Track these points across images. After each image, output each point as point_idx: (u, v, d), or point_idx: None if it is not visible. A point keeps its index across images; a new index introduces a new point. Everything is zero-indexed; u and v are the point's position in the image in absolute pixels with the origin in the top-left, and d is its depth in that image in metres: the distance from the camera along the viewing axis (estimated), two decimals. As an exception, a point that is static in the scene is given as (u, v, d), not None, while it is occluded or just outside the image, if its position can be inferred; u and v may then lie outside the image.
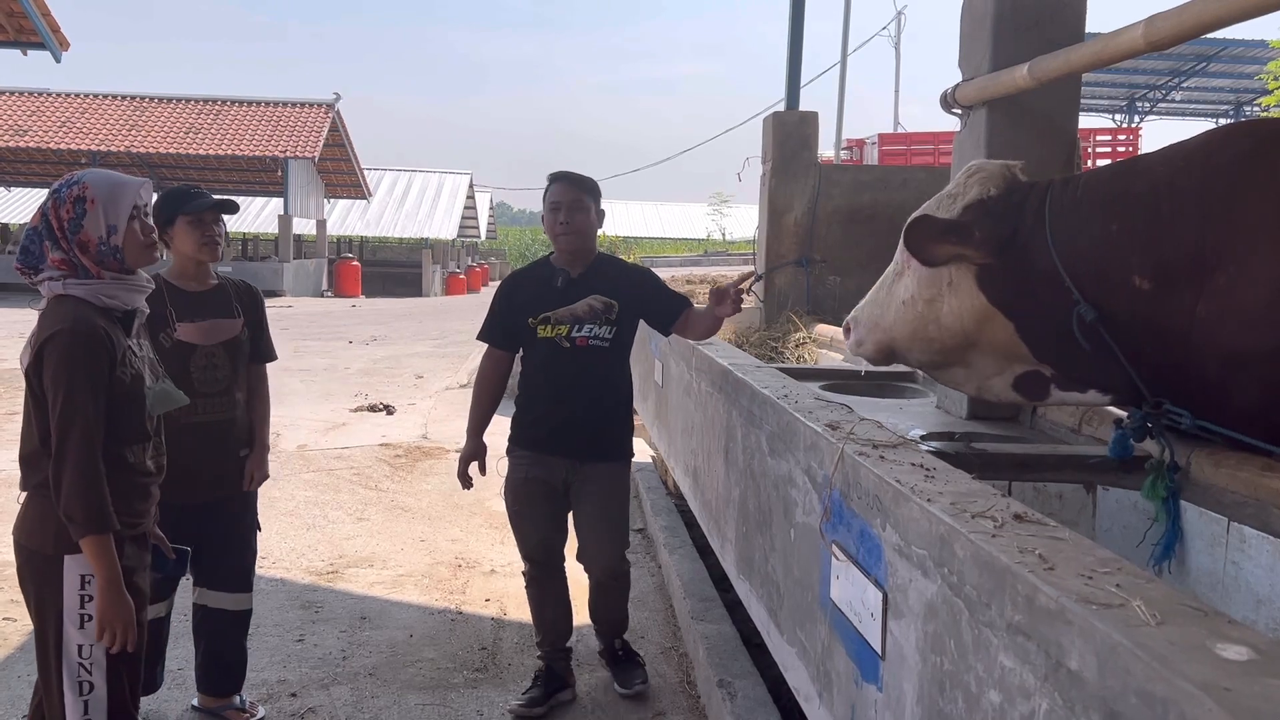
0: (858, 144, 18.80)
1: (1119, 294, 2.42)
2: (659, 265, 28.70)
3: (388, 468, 6.96)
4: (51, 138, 25.24)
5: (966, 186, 2.69)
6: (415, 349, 14.48)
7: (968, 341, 2.69)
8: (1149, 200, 2.42)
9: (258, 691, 3.54)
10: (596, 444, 3.52)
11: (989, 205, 2.61)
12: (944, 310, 2.67)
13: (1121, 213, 2.45)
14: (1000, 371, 2.73)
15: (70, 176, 2.40)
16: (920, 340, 2.77)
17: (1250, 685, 0.96)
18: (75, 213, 2.32)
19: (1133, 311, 2.41)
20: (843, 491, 2.02)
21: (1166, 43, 2.48)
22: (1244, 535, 2.24)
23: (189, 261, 3.20)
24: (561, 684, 3.59)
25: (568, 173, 3.55)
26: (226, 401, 3.23)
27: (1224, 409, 2.36)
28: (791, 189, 7.38)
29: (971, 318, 2.65)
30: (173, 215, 3.14)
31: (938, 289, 2.68)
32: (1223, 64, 24.12)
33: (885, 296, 2.85)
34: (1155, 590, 1.21)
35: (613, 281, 3.53)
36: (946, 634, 1.52)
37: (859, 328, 2.93)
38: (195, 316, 3.17)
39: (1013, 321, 2.61)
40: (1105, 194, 2.51)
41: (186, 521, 3.03)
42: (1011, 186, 2.64)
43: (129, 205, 2.39)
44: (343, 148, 29.29)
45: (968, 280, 2.62)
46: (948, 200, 2.71)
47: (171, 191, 3.23)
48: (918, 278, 2.71)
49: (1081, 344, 2.46)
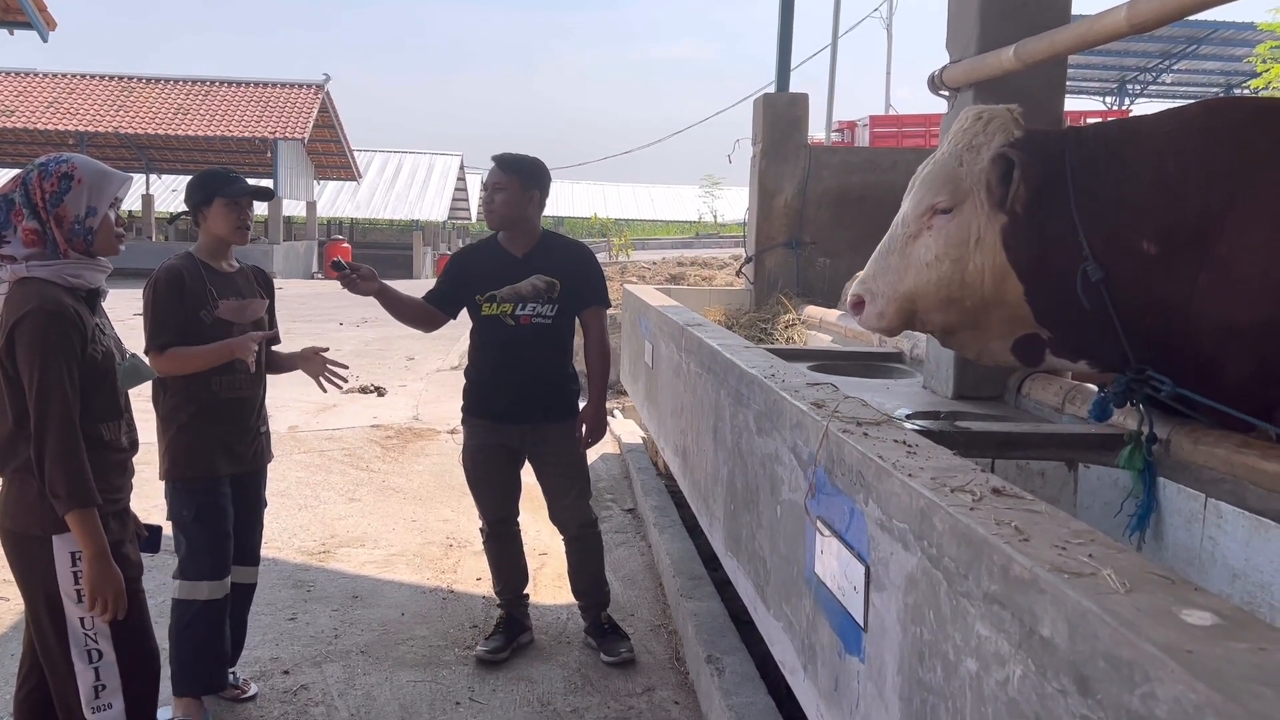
0: (849, 126, 18.79)
1: (1126, 258, 2.42)
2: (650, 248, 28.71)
3: (379, 448, 6.98)
4: (38, 118, 25.00)
5: (988, 133, 2.62)
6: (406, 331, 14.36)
7: (984, 302, 2.65)
8: (1156, 164, 2.43)
9: (250, 669, 3.58)
10: (546, 410, 3.74)
11: (1025, 149, 2.52)
12: (969, 269, 2.61)
13: (1133, 174, 2.45)
14: (1002, 335, 2.71)
15: (59, 155, 2.42)
16: (943, 302, 2.68)
17: (1212, 648, 0.99)
18: (60, 187, 2.35)
19: (1137, 276, 2.41)
20: (827, 468, 2.05)
21: (1150, 25, 2.50)
22: (1221, 511, 2.28)
23: (219, 243, 3.22)
24: (521, 628, 3.87)
25: (501, 155, 3.69)
26: (257, 379, 3.32)
27: (1215, 383, 2.39)
28: (782, 171, 7.39)
29: (992, 276, 2.60)
30: (210, 196, 3.16)
31: (964, 247, 2.61)
32: (1212, 46, 24.12)
33: (900, 262, 2.73)
34: (1126, 560, 1.25)
35: (556, 261, 3.71)
36: (926, 605, 1.55)
37: (877, 299, 2.79)
38: (232, 295, 3.22)
39: (1024, 283, 2.58)
40: (1117, 154, 2.50)
41: (225, 492, 3.21)
42: (1029, 135, 2.59)
43: (112, 194, 2.42)
44: (333, 129, 29.08)
45: (993, 236, 2.58)
46: (970, 153, 2.63)
47: (209, 172, 3.26)
48: (945, 236, 2.63)
49: (1084, 304, 2.45)
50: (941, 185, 2.65)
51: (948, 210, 2.64)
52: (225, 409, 3.19)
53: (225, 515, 3.21)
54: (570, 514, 3.81)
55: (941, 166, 2.66)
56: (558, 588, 4.36)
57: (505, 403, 3.70)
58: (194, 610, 3.16)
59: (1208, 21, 22.06)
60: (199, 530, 3.15)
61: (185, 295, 3.10)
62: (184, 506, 3.15)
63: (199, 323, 3.12)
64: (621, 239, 23.28)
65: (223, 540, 3.21)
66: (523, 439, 3.74)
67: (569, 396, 3.81)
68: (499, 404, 3.72)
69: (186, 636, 3.15)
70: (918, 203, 2.69)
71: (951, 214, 2.63)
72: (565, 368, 3.81)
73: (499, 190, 3.64)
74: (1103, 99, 28.66)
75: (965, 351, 2.88)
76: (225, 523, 3.21)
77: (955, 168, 2.64)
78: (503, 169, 3.65)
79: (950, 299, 2.66)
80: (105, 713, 2.39)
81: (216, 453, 3.17)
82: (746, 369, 2.88)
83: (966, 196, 2.61)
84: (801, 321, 6.58)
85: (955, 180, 2.64)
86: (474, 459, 3.80)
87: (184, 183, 3.35)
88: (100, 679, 2.39)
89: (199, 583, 3.16)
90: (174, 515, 3.15)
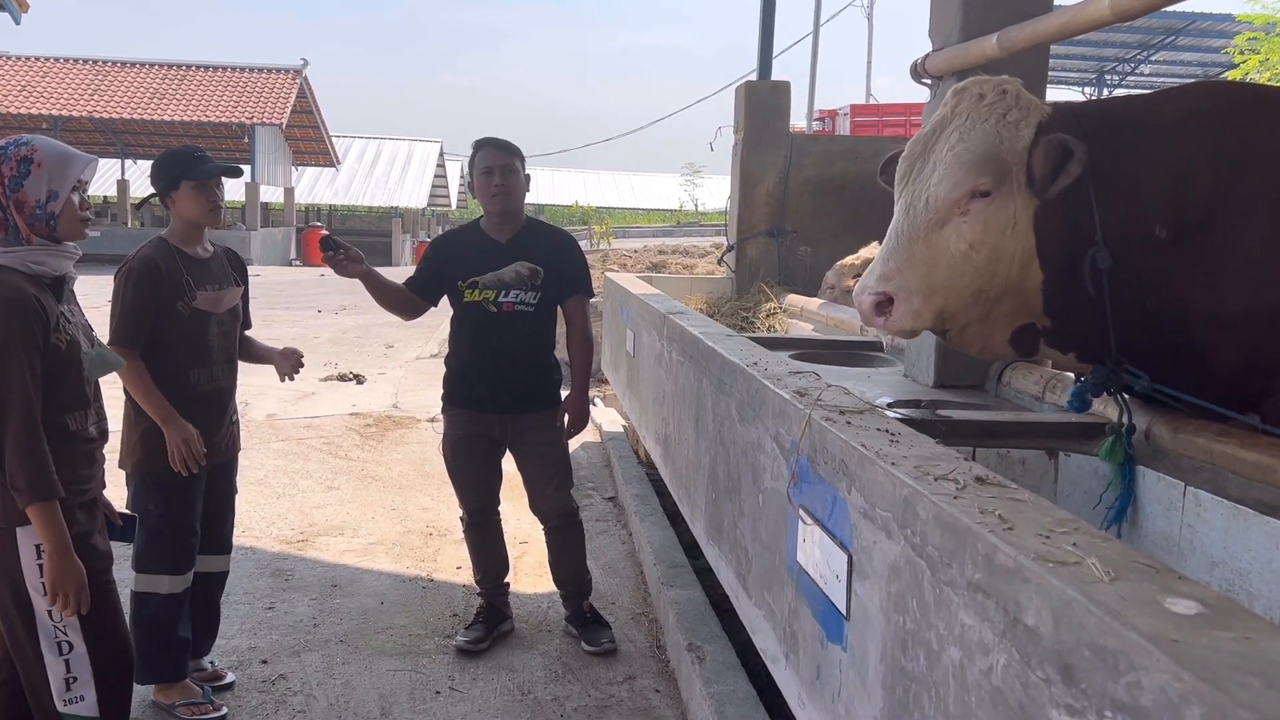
0: (830, 115, 18.82)
1: (1135, 243, 2.34)
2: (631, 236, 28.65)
3: (358, 437, 6.94)
4: (11, 102, 24.64)
5: (1021, 108, 2.38)
6: (385, 318, 14.32)
7: (1004, 292, 2.44)
8: (1167, 145, 2.38)
9: (228, 659, 3.55)
10: (528, 399, 3.71)
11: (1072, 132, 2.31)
12: (1002, 257, 2.39)
13: (1144, 156, 2.37)
14: (1004, 327, 2.54)
15: (19, 138, 2.37)
16: (973, 295, 2.43)
17: (1197, 637, 0.99)
18: (19, 171, 2.29)
19: (1142, 262, 2.34)
20: (810, 457, 2.05)
21: (1133, 13, 2.50)
22: (1200, 499, 2.30)
23: (191, 227, 3.15)
24: (501, 617, 3.84)
25: (494, 138, 3.66)
26: (232, 369, 3.30)
27: (1204, 371, 2.38)
28: (763, 159, 7.38)
29: (1020, 264, 2.40)
30: (177, 179, 3.08)
31: (1003, 234, 2.38)
32: (1190, 38, 24.27)
33: (927, 253, 2.41)
34: (1110, 548, 1.25)
35: (540, 248, 3.67)
36: (909, 594, 1.55)
37: (911, 296, 2.42)
38: (208, 284, 3.16)
39: (1044, 270, 2.41)
40: (1126, 135, 2.40)
41: (197, 487, 3.18)
42: (1060, 114, 2.43)
43: (74, 177, 2.37)
44: (311, 115, 28.83)
45: (1026, 221, 2.38)
46: (1008, 130, 2.37)
47: (174, 153, 3.18)
48: (983, 221, 2.37)
49: (1089, 291, 2.35)
50: (984, 165, 2.37)
51: (987, 193, 2.37)
52: (201, 402, 3.14)
53: (193, 510, 3.18)
54: (551, 504, 3.80)
55: (980, 144, 2.37)
56: (538, 576, 4.35)
57: (486, 391, 3.67)
58: (153, 603, 3.13)
59: (1186, 13, 22.20)
60: (165, 525, 3.10)
61: (161, 287, 3.03)
62: (151, 500, 3.09)
63: (176, 314, 3.07)
64: (603, 227, 23.22)
65: (187, 536, 3.17)
66: (504, 428, 3.71)
67: (551, 386, 3.79)
68: (480, 392, 3.68)
69: (145, 629, 3.11)
70: (955, 184, 2.38)
71: (990, 197, 2.37)
72: (547, 356, 3.78)
73: (510, 172, 3.59)
74: (1082, 89, 28.81)
75: (969, 347, 2.65)
76: (192, 518, 3.18)
77: (996, 146, 2.37)
78: (506, 151, 3.62)
79: (980, 290, 2.43)
80: (78, 705, 2.36)
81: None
82: (729, 357, 2.87)
83: (1006, 178, 2.37)
84: (783, 310, 6.58)
85: (998, 159, 2.37)
86: (454, 448, 3.76)
87: (158, 168, 3.29)
88: (71, 671, 2.35)
89: (159, 576, 3.12)
90: (138, 508, 3.06)
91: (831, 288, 6.20)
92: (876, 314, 2.46)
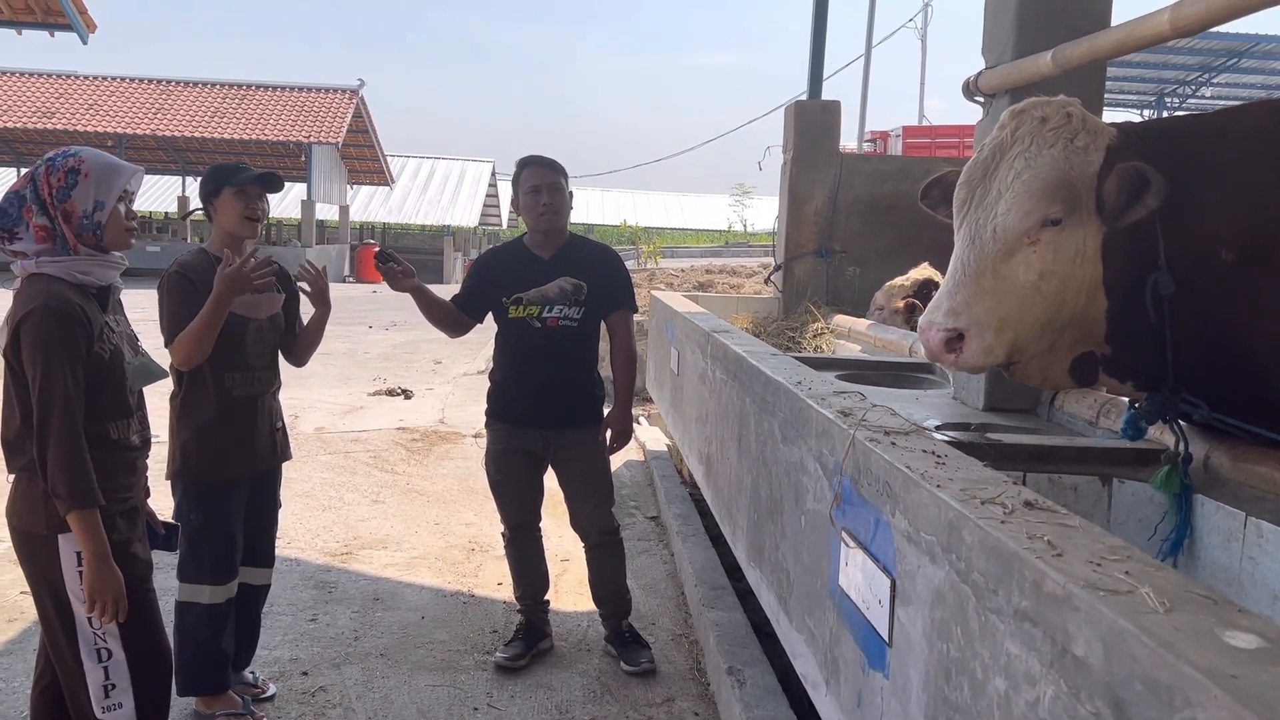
0: (881, 136, 18.70)
1: (1201, 268, 2.26)
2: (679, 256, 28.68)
3: (404, 451, 6.99)
4: (78, 120, 25.40)
5: (1089, 132, 2.29)
6: (434, 335, 14.45)
7: (1072, 322, 2.36)
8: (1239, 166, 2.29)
9: (269, 670, 3.57)
10: (570, 415, 3.70)
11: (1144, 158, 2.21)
12: (1071, 286, 2.31)
13: (1211, 178, 2.29)
14: (1065, 357, 2.45)
15: (67, 149, 2.41)
16: (1043, 326, 2.34)
17: (1258, 673, 0.94)
18: (67, 182, 2.33)
19: (1207, 289, 2.26)
20: (853, 478, 2.00)
21: (1193, 28, 2.44)
22: (1261, 530, 2.21)
23: (230, 237, 3.18)
24: (541, 634, 3.83)
25: (539, 156, 3.70)
26: (273, 374, 3.31)
27: (1266, 404, 2.29)
28: (812, 178, 7.34)
29: (1087, 293, 2.32)
30: (219, 187, 3.14)
31: (1073, 263, 2.29)
32: (1254, 60, 23.74)
33: (996, 285, 2.31)
34: (1164, 578, 1.19)
35: (583, 263, 3.68)
36: (953, 620, 1.50)
37: (984, 331, 2.30)
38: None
39: (1109, 298, 2.32)
40: (1193, 156, 2.32)
41: (238, 496, 3.20)
42: (1127, 137, 2.33)
43: (119, 187, 2.39)
44: (366, 134, 29.34)
45: (1094, 248, 2.30)
46: (1077, 155, 2.28)
47: (218, 166, 3.24)
48: (1054, 250, 2.28)
49: (1150, 317, 2.27)
50: (1055, 193, 2.27)
51: (1057, 221, 2.28)
52: (240, 407, 3.16)
53: (233, 520, 3.20)
54: (592, 521, 3.78)
55: (1049, 171, 2.28)
56: (579, 594, 4.32)
57: (529, 406, 3.67)
58: (195, 613, 3.15)
59: (1249, 34, 21.71)
60: (205, 534, 3.13)
61: (198, 290, 3.04)
62: (193, 509, 3.13)
63: None
64: (650, 247, 23.26)
65: (229, 546, 3.19)
66: (546, 443, 3.71)
67: (594, 401, 3.78)
68: (523, 407, 3.69)
69: (187, 638, 3.14)
70: (1026, 213, 2.28)
71: (1061, 225, 2.28)
72: (590, 372, 3.77)
73: (557, 191, 3.62)
74: (1140, 111, 28.33)
75: (1030, 379, 2.54)
76: (233, 528, 3.19)
77: (1066, 172, 2.27)
78: (552, 169, 3.66)
79: (1049, 321, 2.33)
80: (116, 712, 2.38)
81: (235, 453, 3.15)
82: (772, 376, 2.84)
83: (1076, 205, 2.28)
84: (830, 330, 6.51)
85: (1069, 186, 2.27)
86: (496, 463, 3.77)
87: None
88: (110, 678, 2.37)
89: (200, 586, 3.15)
90: (180, 516, 3.11)
91: (880, 309, 6.12)
92: (947, 350, 2.34)
